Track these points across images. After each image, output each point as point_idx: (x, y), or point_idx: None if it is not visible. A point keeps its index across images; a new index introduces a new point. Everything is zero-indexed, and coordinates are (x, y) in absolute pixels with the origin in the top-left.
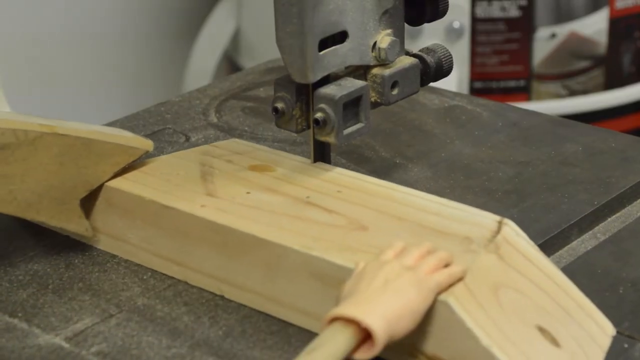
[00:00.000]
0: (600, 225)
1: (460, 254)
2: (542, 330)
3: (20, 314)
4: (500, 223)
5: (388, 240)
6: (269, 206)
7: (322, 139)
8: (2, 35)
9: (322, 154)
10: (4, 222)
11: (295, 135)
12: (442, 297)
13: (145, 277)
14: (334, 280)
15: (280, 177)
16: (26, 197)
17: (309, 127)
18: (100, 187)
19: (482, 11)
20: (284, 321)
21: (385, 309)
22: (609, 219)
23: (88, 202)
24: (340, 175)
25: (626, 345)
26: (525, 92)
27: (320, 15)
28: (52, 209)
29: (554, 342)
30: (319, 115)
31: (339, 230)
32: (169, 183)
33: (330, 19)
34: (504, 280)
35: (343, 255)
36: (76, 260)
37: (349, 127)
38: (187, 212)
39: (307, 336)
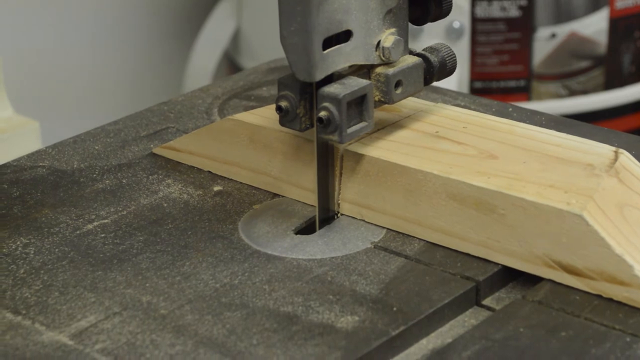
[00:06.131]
0: None
1: (586, 178)
2: None
3: (24, 312)
4: (616, 152)
5: (518, 167)
6: (403, 139)
7: (326, 137)
8: (2, 35)
9: (326, 153)
10: (4, 221)
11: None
12: (577, 211)
13: (148, 275)
14: (471, 200)
15: (408, 115)
16: None
17: (312, 126)
18: None
19: (482, 11)
20: (287, 318)
21: None
22: None
23: None
24: (462, 114)
25: (628, 339)
26: (525, 92)
27: (325, 14)
28: None
29: None
30: (322, 114)
31: (471, 158)
32: None
33: (335, 18)
34: (626, 200)
35: (479, 178)
36: (78, 258)
37: (353, 125)
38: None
39: (309, 335)
